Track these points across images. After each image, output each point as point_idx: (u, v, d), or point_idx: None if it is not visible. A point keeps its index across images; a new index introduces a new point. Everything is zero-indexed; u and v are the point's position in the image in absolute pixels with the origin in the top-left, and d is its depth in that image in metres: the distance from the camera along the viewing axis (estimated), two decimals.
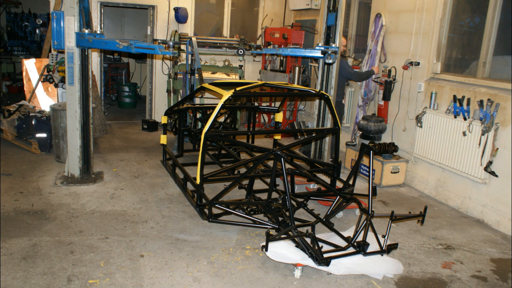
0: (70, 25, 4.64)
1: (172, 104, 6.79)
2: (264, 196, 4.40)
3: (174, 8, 7.93)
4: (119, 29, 11.35)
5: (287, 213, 3.73)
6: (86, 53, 4.76)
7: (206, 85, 4.69)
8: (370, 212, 3.51)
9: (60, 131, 5.61)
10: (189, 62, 6.46)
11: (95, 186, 4.96)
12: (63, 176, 5.10)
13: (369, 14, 6.47)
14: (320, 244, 3.46)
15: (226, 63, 8.06)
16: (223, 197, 4.51)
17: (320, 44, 5.24)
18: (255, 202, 4.09)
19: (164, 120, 5.53)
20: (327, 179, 4.99)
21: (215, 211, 4.25)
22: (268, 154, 3.98)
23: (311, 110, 8.18)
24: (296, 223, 3.83)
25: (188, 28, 8.32)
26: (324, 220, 4.05)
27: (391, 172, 5.52)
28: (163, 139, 5.55)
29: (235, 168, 4.82)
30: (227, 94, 3.95)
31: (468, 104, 4.73)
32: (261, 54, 8.11)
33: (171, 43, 4.44)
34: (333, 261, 3.32)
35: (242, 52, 7.69)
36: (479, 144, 4.57)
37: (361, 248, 3.45)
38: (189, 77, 6.39)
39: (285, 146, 4.45)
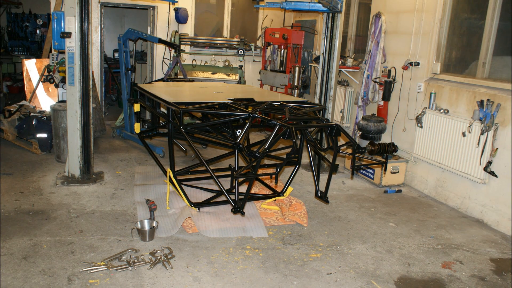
0: (71, 26, 4.66)
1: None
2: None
3: (174, 9, 7.94)
4: (119, 30, 11.36)
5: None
6: (87, 53, 4.77)
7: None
8: None
9: (60, 131, 5.62)
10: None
11: (95, 186, 4.97)
12: (63, 176, 5.11)
13: (369, 14, 6.48)
14: None
15: (226, 64, 8.08)
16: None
17: None
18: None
19: (136, 108, 5.46)
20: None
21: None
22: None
23: None
24: None
25: (188, 29, 8.33)
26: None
27: (391, 172, 5.53)
28: (137, 128, 5.51)
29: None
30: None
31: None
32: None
33: None
34: None
35: (242, 53, 7.71)
36: (478, 144, 4.58)
37: None
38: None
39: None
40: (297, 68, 7.27)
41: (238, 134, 4.89)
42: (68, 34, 4.64)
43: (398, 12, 5.87)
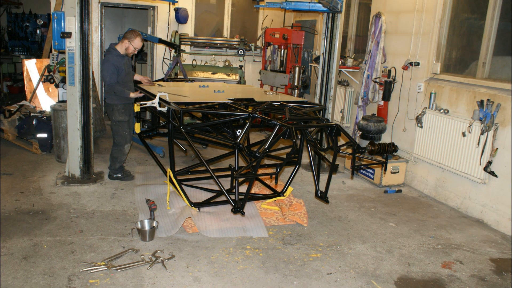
0: (71, 26, 4.66)
1: None
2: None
3: (174, 9, 7.94)
4: (119, 30, 11.36)
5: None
6: (87, 53, 4.77)
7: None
8: None
9: (60, 131, 5.63)
10: None
11: (95, 186, 4.97)
12: (63, 176, 5.11)
13: (369, 14, 6.48)
14: None
15: (227, 64, 8.08)
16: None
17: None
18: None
19: (136, 108, 5.45)
20: None
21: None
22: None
23: None
24: None
25: (188, 29, 8.33)
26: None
27: (391, 172, 5.53)
28: (137, 128, 5.51)
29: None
30: None
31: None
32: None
33: None
34: None
35: (242, 53, 7.71)
36: (478, 144, 4.58)
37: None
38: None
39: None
40: (297, 68, 7.27)
41: (238, 134, 4.89)
42: (68, 34, 4.64)
43: (398, 12, 5.87)
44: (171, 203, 4.46)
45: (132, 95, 4.96)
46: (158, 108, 4.44)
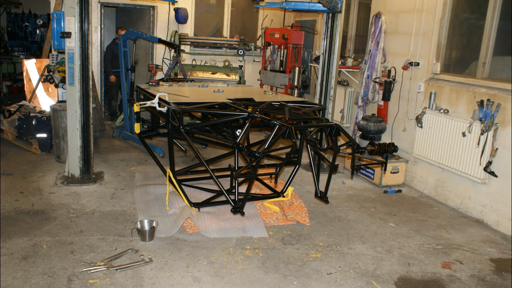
0: (71, 26, 4.66)
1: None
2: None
3: (174, 9, 7.94)
4: None
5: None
6: (87, 53, 4.77)
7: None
8: None
9: (60, 131, 5.62)
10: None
11: (95, 186, 4.96)
12: (63, 176, 5.11)
13: (369, 14, 6.48)
14: None
15: (226, 64, 8.08)
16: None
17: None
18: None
19: (136, 108, 5.45)
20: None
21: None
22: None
23: None
24: None
25: (188, 29, 8.33)
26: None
27: (391, 172, 5.53)
28: (137, 128, 5.50)
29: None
30: None
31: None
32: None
33: None
34: None
35: (242, 53, 7.71)
36: (478, 144, 4.58)
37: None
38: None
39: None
40: (297, 68, 7.27)
41: (238, 134, 4.90)
42: (68, 34, 4.64)
43: (398, 12, 5.87)
44: (171, 203, 4.46)
45: None
46: (158, 108, 4.44)
